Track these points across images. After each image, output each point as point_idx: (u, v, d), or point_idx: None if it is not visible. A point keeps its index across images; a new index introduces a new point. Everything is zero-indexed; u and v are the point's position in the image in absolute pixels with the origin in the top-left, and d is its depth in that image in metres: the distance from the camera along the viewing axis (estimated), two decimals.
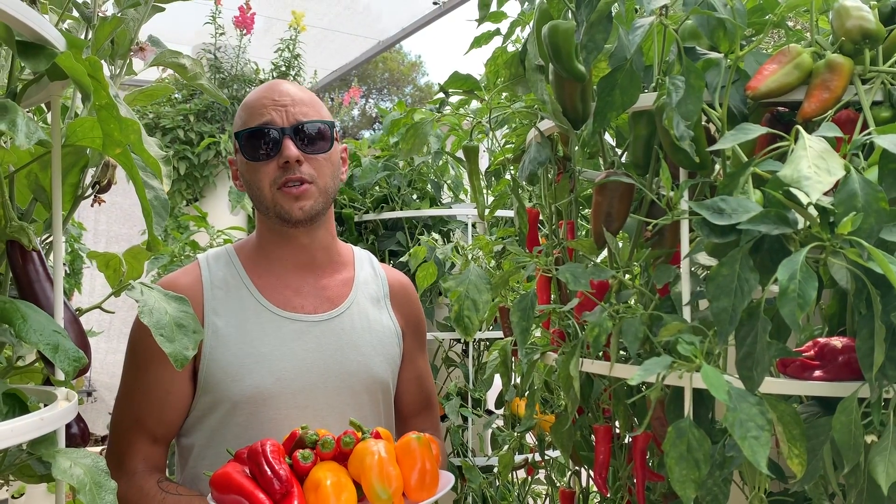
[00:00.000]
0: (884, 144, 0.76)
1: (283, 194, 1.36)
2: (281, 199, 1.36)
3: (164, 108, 3.57)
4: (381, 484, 1.10)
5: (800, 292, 0.70)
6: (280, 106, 1.38)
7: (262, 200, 1.38)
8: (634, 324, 0.98)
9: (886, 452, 0.78)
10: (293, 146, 1.35)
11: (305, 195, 1.36)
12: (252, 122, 1.38)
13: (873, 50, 0.94)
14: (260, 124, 1.37)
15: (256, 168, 1.37)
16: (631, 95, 0.95)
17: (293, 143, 1.36)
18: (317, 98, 1.45)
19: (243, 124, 1.40)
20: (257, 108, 1.39)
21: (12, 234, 0.92)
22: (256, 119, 1.38)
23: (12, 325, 0.76)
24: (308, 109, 1.40)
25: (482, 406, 2.47)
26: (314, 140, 1.38)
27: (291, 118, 1.37)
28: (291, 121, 1.37)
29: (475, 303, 1.34)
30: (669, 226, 1.05)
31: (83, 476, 0.79)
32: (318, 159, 1.38)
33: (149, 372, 1.34)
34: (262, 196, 1.37)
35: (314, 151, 1.38)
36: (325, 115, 1.43)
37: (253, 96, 1.42)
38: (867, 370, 0.78)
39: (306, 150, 1.37)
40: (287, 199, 1.36)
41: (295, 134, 1.37)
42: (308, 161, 1.37)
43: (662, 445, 0.85)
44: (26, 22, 0.70)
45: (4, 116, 0.70)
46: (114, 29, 1.06)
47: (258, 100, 1.40)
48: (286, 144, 1.35)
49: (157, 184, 1.06)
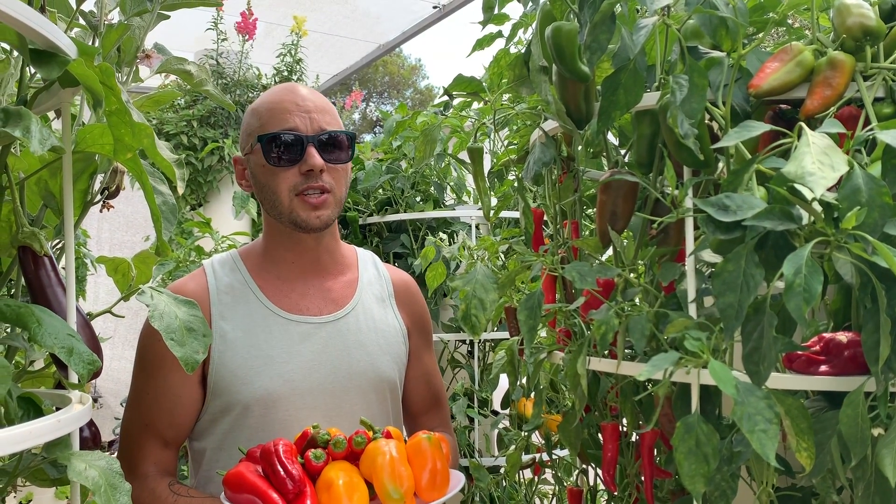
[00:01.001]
0: (886, 140, 0.77)
1: (301, 202, 1.36)
2: (299, 206, 1.36)
3: (167, 114, 3.59)
4: (393, 484, 1.11)
5: (805, 286, 0.71)
6: (304, 112, 1.38)
7: (277, 206, 1.38)
8: (641, 321, 0.98)
9: (894, 445, 0.78)
10: (317, 155, 1.35)
11: (324, 205, 1.37)
12: (274, 126, 1.37)
13: (874, 47, 0.94)
14: (284, 129, 1.36)
15: (276, 173, 1.37)
16: (635, 95, 0.96)
17: (317, 152, 1.36)
18: (332, 105, 1.46)
19: (264, 126, 1.38)
20: (279, 111, 1.38)
21: (24, 240, 0.93)
22: (279, 123, 1.37)
23: (27, 328, 0.77)
24: (330, 118, 1.40)
25: (488, 406, 2.48)
26: (336, 150, 1.39)
27: (316, 126, 1.37)
28: (316, 129, 1.37)
29: (482, 302, 1.35)
30: (674, 224, 1.06)
31: (98, 478, 0.80)
32: (337, 169, 1.39)
33: (158, 377, 1.35)
34: (279, 201, 1.37)
35: (335, 161, 1.39)
36: (342, 124, 1.44)
37: (273, 98, 1.41)
38: (873, 364, 0.79)
39: (328, 159, 1.37)
40: (305, 207, 1.36)
41: (319, 142, 1.37)
42: (328, 170, 1.38)
43: (671, 441, 0.85)
44: (39, 30, 0.71)
45: (19, 123, 0.71)
46: (120, 36, 1.07)
47: (279, 103, 1.39)
48: (310, 153, 1.35)
49: (165, 189, 1.08)
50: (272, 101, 1.41)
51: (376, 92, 18.49)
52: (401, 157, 2.69)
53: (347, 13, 4.73)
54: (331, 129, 1.39)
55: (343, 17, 4.75)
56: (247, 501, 1.09)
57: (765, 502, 0.95)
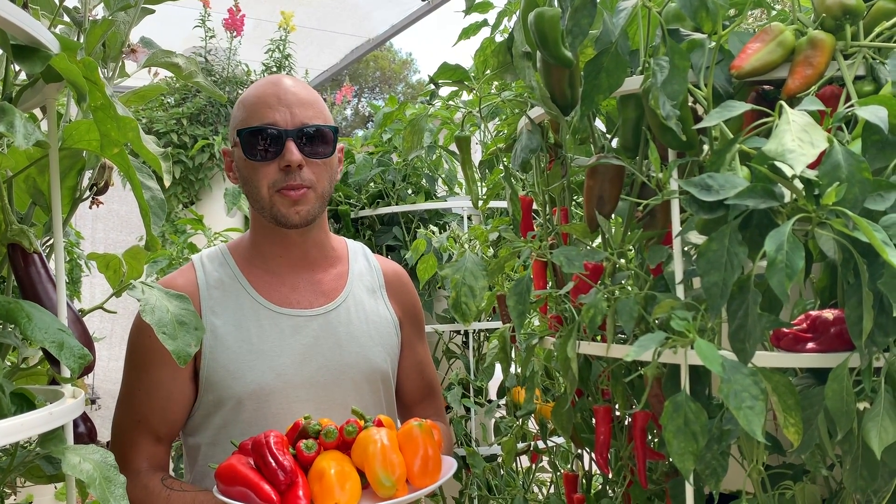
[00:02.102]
0: (865, 116, 0.78)
1: (281, 197, 1.35)
2: (279, 201, 1.35)
3: (156, 112, 3.58)
4: (385, 471, 1.11)
5: (787, 262, 0.72)
6: (284, 106, 1.35)
7: (258, 200, 1.38)
8: (629, 303, 0.99)
9: (878, 418, 0.80)
10: (296, 150, 1.33)
11: (303, 200, 1.36)
12: (254, 120, 1.35)
13: (854, 25, 0.95)
14: (263, 124, 1.34)
15: (255, 167, 1.36)
16: (617, 78, 0.97)
17: (296, 147, 1.34)
18: (319, 97, 1.43)
19: (244, 120, 1.37)
20: (259, 105, 1.36)
21: (13, 238, 0.94)
22: (259, 117, 1.35)
23: (18, 324, 0.78)
24: (312, 112, 1.38)
25: (484, 396, 2.49)
26: (317, 144, 1.37)
27: (296, 120, 1.35)
28: (296, 123, 1.35)
29: (472, 289, 1.36)
30: (660, 206, 1.07)
31: (93, 471, 0.81)
32: (318, 164, 1.37)
33: (149, 373, 1.35)
34: (260, 196, 1.37)
35: (316, 156, 1.37)
36: (328, 117, 1.41)
37: (255, 91, 1.39)
38: (857, 338, 0.80)
39: (308, 154, 1.35)
40: (285, 202, 1.35)
41: (298, 137, 1.35)
42: (309, 165, 1.36)
43: (660, 419, 0.86)
44: (21, 25, 0.71)
45: (2, 118, 0.71)
46: (104, 32, 1.07)
47: (261, 96, 1.37)
48: (289, 148, 1.33)
49: (153, 184, 1.08)
50: (254, 94, 1.39)
51: (368, 87, 18.47)
52: (391, 149, 2.69)
53: (336, 6, 4.72)
54: (312, 122, 1.36)
55: (331, 12, 4.74)
56: (239, 494, 1.10)
57: (755, 480, 0.96)
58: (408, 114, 2.40)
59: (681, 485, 1.01)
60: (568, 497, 1.37)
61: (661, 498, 1.19)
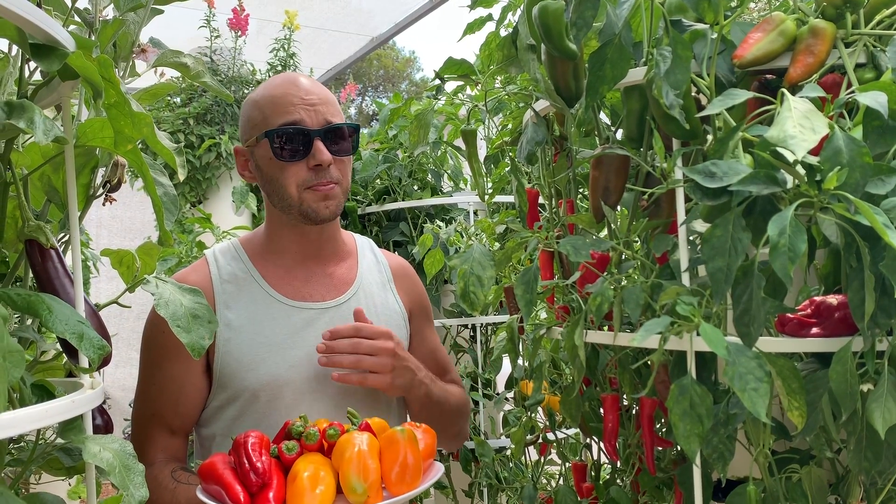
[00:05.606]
0: (866, 101, 0.79)
1: (312, 193, 1.37)
2: (309, 198, 1.38)
3: (163, 112, 3.60)
4: (358, 477, 1.09)
5: (790, 246, 0.73)
6: (308, 105, 1.38)
7: (285, 198, 1.39)
8: (636, 291, 1.01)
9: (882, 399, 0.81)
10: (325, 149, 1.36)
11: (332, 195, 1.39)
12: (280, 120, 1.37)
13: (855, 14, 0.96)
14: (289, 122, 1.36)
15: (283, 167, 1.37)
16: (621, 69, 0.98)
17: (324, 146, 1.37)
18: (333, 95, 1.46)
19: (268, 119, 1.38)
20: (283, 104, 1.38)
21: (30, 234, 0.95)
22: (284, 116, 1.37)
23: (39, 316, 0.80)
24: (333, 109, 1.41)
25: (492, 388, 2.50)
26: (342, 142, 1.40)
27: (322, 119, 1.38)
28: (322, 122, 1.38)
29: (480, 279, 1.38)
30: (665, 195, 1.08)
31: (112, 459, 0.83)
32: (344, 161, 1.41)
33: (163, 367, 1.38)
34: (287, 195, 1.38)
35: (342, 153, 1.40)
36: (342, 114, 1.45)
37: (275, 90, 1.41)
38: (859, 320, 0.81)
39: (335, 152, 1.38)
40: (316, 198, 1.38)
41: (325, 136, 1.37)
42: (335, 163, 1.39)
43: (666, 403, 0.88)
44: (39, 24, 0.73)
45: (23, 115, 0.73)
46: (115, 32, 1.09)
47: (283, 95, 1.39)
48: (318, 147, 1.36)
49: (166, 180, 1.10)
50: (275, 93, 1.40)
51: (371, 86, 18.48)
52: (397, 146, 2.71)
53: (338, 9, 4.74)
54: (335, 121, 1.39)
55: (334, 14, 4.76)
56: (215, 493, 1.10)
57: (762, 464, 0.98)
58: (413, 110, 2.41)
59: (689, 472, 1.02)
60: (577, 486, 1.39)
61: (669, 486, 1.20)
